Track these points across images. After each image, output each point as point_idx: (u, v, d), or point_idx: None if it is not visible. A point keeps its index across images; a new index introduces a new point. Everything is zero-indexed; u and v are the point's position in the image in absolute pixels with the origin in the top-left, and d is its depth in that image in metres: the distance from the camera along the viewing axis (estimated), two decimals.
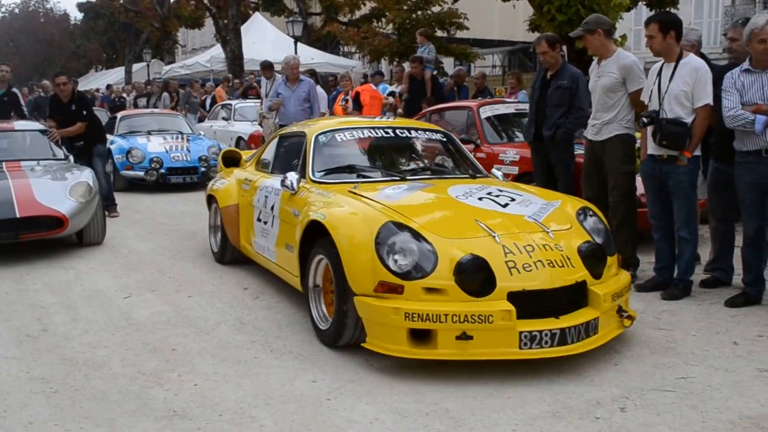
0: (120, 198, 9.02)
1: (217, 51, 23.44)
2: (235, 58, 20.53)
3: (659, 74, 5.01)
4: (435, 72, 11.41)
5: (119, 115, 12.57)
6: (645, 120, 4.95)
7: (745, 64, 4.69)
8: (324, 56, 23.29)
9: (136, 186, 10.61)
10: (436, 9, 21.93)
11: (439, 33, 22.41)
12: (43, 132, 7.95)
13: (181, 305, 4.95)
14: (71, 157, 7.82)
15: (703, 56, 5.32)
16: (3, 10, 57.57)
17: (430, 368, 3.70)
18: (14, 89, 9.39)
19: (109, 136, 10.01)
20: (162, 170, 10.45)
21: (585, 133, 5.71)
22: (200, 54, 27.90)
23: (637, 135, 5.53)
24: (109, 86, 23.57)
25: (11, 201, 6.14)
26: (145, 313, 4.79)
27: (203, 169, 10.60)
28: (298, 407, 3.35)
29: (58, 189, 6.48)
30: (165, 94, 17.64)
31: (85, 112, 8.36)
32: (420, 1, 21.64)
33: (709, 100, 4.80)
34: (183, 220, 8.25)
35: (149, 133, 11.43)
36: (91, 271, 5.97)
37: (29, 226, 6.15)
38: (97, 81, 33.70)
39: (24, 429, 3.17)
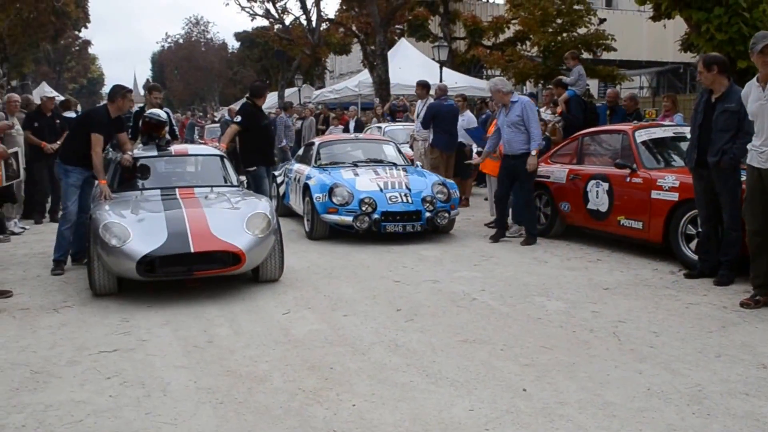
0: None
1: (365, 76, 24.07)
2: (381, 82, 20.96)
3: None
4: (582, 94, 11.05)
5: (317, 141, 10.43)
6: None
7: None
8: (468, 80, 23.28)
9: (338, 233, 8.41)
10: (582, 30, 21.30)
11: (585, 55, 21.81)
12: (221, 158, 7.55)
13: (336, 324, 5.04)
14: (245, 183, 7.58)
15: None
16: (169, 40, 62.53)
17: (584, 403, 3.50)
18: (167, 110, 8.85)
19: (305, 168, 9.31)
20: (375, 215, 8.03)
21: (749, 161, 5.30)
22: (348, 79, 28.78)
23: None
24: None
25: (185, 234, 5.70)
26: (303, 330, 4.91)
27: (428, 214, 8.14)
28: None
29: (234, 221, 5.98)
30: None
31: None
32: (566, 23, 21.12)
33: None
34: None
35: (355, 165, 9.17)
36: (250, 284, 6.22)
37: (203, 261, 5.69)
38: None
39: None
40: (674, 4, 11.88)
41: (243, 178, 7.70)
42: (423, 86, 11.58)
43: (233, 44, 57.39)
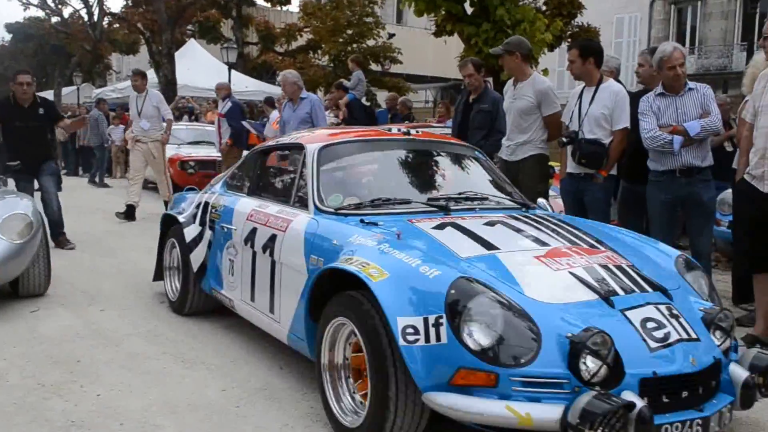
0: None
1: (151, 75, 23.05)
2: (168, 83, 20.20)
3: (580, 97, 5.17)
4: (360, 98, 11.50)
5: (311, 145, 9.89)
6: (565, 140, 5.09)
7: (659, 89, 4.88)
8: (259, 84, 23.18)
9: None
10: (371, 42, 22.23)
11: (373, 66, 22.71)
12: None
13: (90, 319, 4.75)
14: (8, 181, 6.49)
15: (619, 83, 5.53)
16: None
17: None
18: None
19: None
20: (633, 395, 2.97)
21: (500, 153, 5.81)
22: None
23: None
24: None
25: None
26: (53, 326, 4.57)
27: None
28: (205, 415, 3.22)
29: None
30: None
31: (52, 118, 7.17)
32: (355, 34, 21.92)
33: (627, 123, 4.98)
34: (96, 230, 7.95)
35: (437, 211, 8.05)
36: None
37: None
38: None
39: None
40: (449, 19, 12.80)
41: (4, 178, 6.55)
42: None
43: (4, 36, 52.13)
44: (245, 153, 5.85)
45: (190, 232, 4.65)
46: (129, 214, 9.24)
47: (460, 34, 13.02)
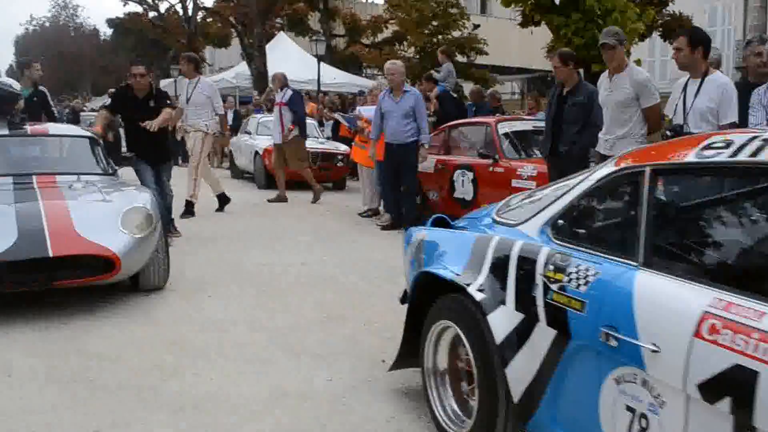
0: None
1: (243, 68, 23.72)
2: (259, 75, 20.77)
3: (684, 89, 5.00)
4: (450, 90, 11.48)
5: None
6: (669, 133, 4.93)
7: None
8: (347, 76, 23.48)
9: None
10: (456, 34, 22.13)
11: (459, 58, 22.54)
12: (91, 140, 6.33)
13: (200, 305, 4.97)
14: (119, 172, 6.42)
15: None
16: (34, 23, 58.60)
17: None
18: (42, 87, 8.33)
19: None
20: None
21: (597, 148, 5.70)
22: (226, 71, 28.27)
23: None
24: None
25: (42, 232, 4.57)
26: (165, 310, 4.81)
27: None
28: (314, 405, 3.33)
29: (106, 217, 4.87)
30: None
31: (169, 102, 7.19)
32: (441, 25, 21.85)
33: (735, 118, 4.79)
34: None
35: None
36: None
37: (66, 268, 4.58)
38: None
39: (42, 415, 3.17)
40: (537, 9, 12.61)
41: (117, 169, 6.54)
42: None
43: (105, 31, 54.75)
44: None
45: (502, 324, 2.56)
46: (221, 203, 9.32)
47: (549, 24, 12.81)
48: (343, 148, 12.46)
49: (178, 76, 31.00)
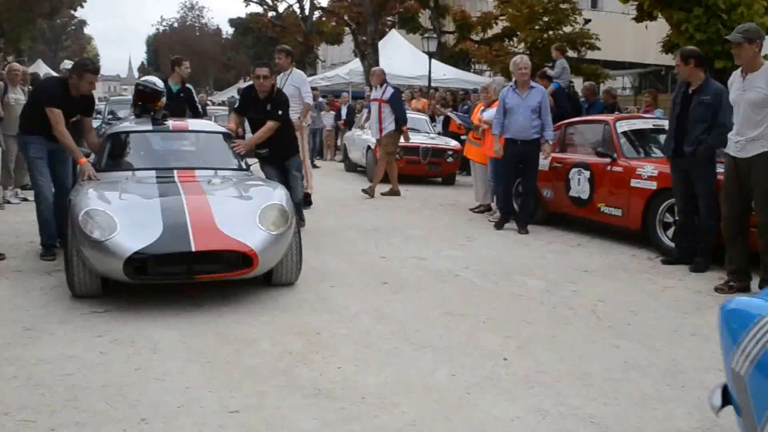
0: None
1: (356, 65, 24.13)
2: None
3: None
4: (564, 87, 11.24)
5: None
6: None
7: None
8: (457, 72, 23.46)
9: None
10: (567, 29, 21.59)
11: (570, 53, 21.93)
12: (226, 136, 6.54)
13: (323, 294, 5.14)
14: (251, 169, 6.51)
15: None
16: (164, 24, 62.84)
17: (563, 372, 3.63)
18: (188, 86, 8.53)
19: None
20: None
21: (726, 150, 5.44)
22: (339, 68, 28.85)
23: None
24: None
25: (185, 227, 4.68)
26: (291, 298, 5.00)
27: None
28: (439, 398, 3.39)
29: (245, 213, 4.97)
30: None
31: (280, 113, 6.93)
32: (552, 21, 21.38)
33: None
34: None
35: None
36: None
37: (207, 262, 4.71)
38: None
39: (181, 393, 3.39)
40: (656, 4, 12.13)
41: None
42: None
43: (227, 30, 57.41)
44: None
45: None
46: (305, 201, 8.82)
47: (668, 19, 12.28)
48: (453, 143, 12.48)
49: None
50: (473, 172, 9.78)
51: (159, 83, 6.71)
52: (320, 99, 18.87)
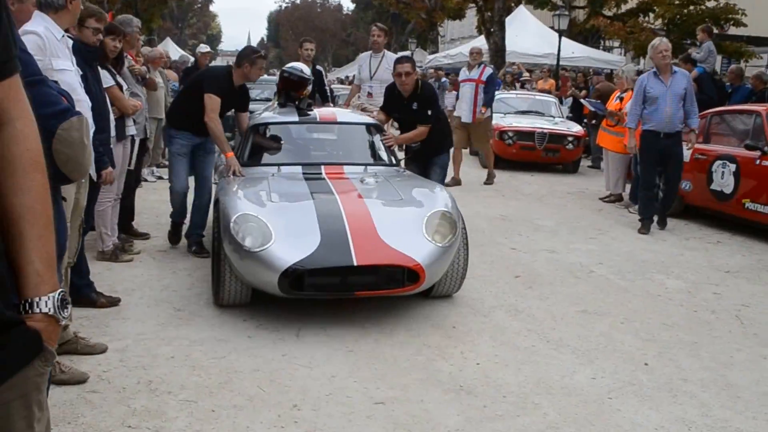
0: None
1: (479, 42, 23.82)
2: (497, 49, 20.70)
3: None
4: (711, 71, 10.60)
5: None
6: None
7: None
8: (585, 50, 22.67)
9: None
10: (711, 3, 20.23)
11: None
12: (377, 128, 5.96)
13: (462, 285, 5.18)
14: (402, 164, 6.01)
15: None
16: (286, 1, 64.05)
17: (707, 382, 3.54)
18: (318, 67, 8.12)
19: None
20: None
21: None
22: (459, 44, 28.57)
23: None
24: None
25: (344, 237, 4.20)
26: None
27: None
28: (580, 401, 3.40)
29: (409, 222, 4.44)
30: None
31: (429, 112, 6.10)
32: None
33: None
34: None
35: None
36: None
37: (367, 275, 4.19)
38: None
39: (329, 381, 3.56)
40: None
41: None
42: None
43: (348, 6, 58.25)
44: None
45: None
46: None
47: None
48: (576, 129, 11.94)
49: (415, 49, 32.04)
50: (605, 161, 9.50)
51: (306, 70, 6.25)
52: (444, 79, 18.80)
